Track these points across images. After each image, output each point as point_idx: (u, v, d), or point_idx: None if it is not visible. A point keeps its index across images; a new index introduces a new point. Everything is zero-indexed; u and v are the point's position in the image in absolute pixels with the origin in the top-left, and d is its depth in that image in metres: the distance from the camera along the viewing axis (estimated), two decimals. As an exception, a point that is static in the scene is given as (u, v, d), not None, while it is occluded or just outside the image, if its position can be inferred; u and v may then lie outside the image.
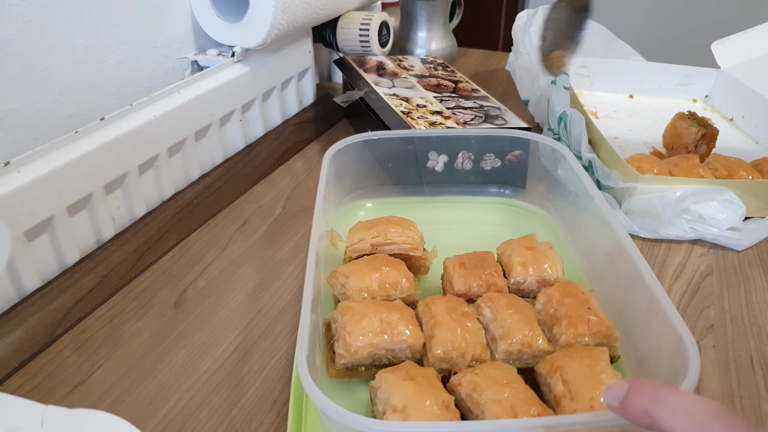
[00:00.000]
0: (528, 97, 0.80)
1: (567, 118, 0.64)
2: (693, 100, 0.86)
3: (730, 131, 0.78)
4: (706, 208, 0.56)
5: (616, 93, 0.87)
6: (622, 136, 0.76)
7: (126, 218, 0.57)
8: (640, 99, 0.87)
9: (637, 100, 0.87)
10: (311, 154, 0.74)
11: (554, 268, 0.46)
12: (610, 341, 0.40)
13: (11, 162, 0.46)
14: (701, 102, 0.86)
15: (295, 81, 0.79)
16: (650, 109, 0.84)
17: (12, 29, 0.51)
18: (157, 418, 0.40)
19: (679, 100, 0.85)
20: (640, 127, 0.75)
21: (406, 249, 0.48)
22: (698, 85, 0.81)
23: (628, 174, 0.58)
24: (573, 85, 0.86)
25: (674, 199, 0.56)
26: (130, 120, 0.55)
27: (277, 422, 0.40)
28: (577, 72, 0.87)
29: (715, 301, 0.50)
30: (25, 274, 0.48)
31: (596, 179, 0.60)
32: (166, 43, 0.67)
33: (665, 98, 0.75)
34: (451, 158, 0.60)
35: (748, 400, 0.41)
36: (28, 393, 0.41)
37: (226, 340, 0.46)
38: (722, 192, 0.56)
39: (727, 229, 0.56)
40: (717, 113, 0.83)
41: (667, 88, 0.74)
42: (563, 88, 0.68)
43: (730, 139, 0.76)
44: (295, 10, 0.68)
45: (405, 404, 0.34)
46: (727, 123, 0.80)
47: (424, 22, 0.96)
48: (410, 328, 0.39)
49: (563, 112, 0.65)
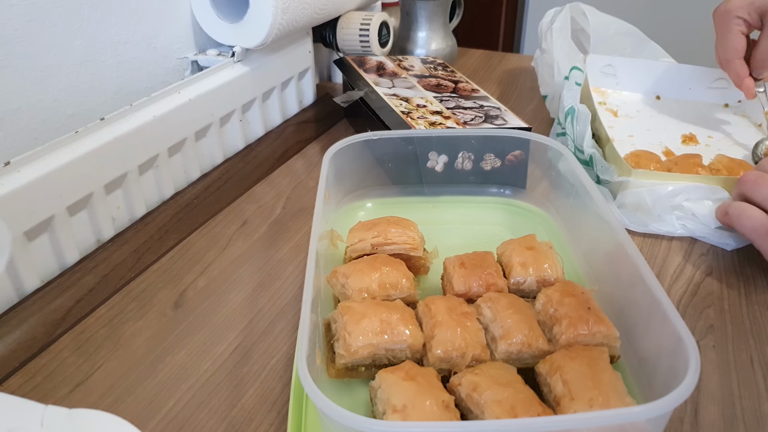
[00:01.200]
0: (547, 92, 0.80)
1: (574, 113, 0.65)
2: (725, 104, 0.84)
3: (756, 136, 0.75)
4: (698, 205, 0.56)
5: (642, 93, 0.85)
6: (638, 135, 0.75)
7: (126, 218, 0.57)
8: (668, 101, 0.84)
9: (663, 101, 0.85)
10: (311, 154, 0.74)
11: (554, 268, 0.46)
12: (610, 341, 0.40)
13: (11, 162, 0.46)
14: (732, 107, 0.83)
15: (295, 81, 0.79)
16: (675, 111, 0.81)
17: (12, 29, 0.51)
18: (157, 418, 0.40)
19: (710, 103, 0.83)
20: (659, 127, 0.74)
21: (406, 249, 0.48)
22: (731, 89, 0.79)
23: (623, 168, 0.58)
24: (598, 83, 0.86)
25: (665, 194, 0.56)
26: (130, 120, 0.55)
27: (277, 422, 0.40)
28: (602, 71, 0.86)
29: (715, 301, 0.50)
30: (25, 274, 0.48)
31: (596, 173, 0.61)
32: (166, 43, 0.67)
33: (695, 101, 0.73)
34: (451, 158, 0.60)
35: (748, 400, 0.41)
36: (28, 393, 0.41)
37: (226, 340, 0.46)
38: (716, 191, 0.56)
39: (716, 228, 0.56)
40: (747, 118, 0.81)
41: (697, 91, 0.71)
42: (576, 84, 0.68)
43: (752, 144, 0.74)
44: (295, 10, 0.68)
45: (405, 404, 0.34)
46: (755, 129, 0.78)
47: (424, 22, 0.96)
48: (410, 328, 0.40)
49: (571, 107, 0.65)
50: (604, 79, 0.86)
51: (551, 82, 0.78)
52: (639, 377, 0.40)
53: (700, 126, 0.78)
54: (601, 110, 0.81)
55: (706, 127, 0.78)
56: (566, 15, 0.82)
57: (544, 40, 0.81)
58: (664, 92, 0.85)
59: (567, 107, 0.66)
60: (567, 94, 0.68)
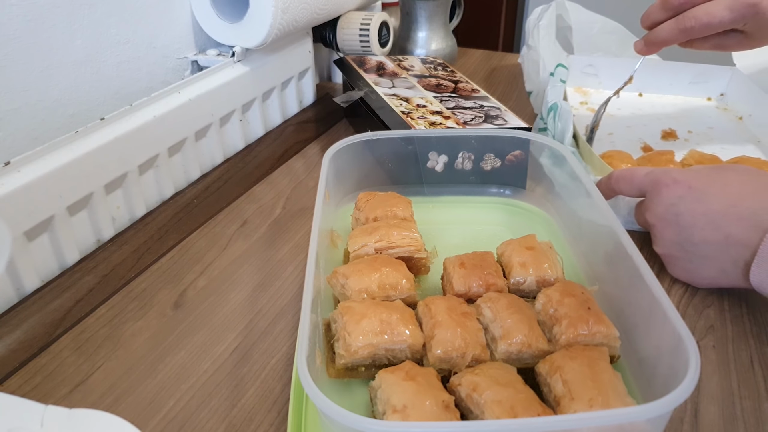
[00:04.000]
0: (532, 88, 0.80)
1: (557, 109, 0.65)
2: (707, 98, 0.85)
3: (736, 130, 0.78)
4: None
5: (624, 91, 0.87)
6: (618, 132, 0.76)
7: (126, 218, 0.57)
8: (650, 97, 0.86)
9: (646, 98, 0.86)
10: (311, 154, 0.74)
11: (554, 268, 0.46)
12: (610, 341, 0.40)
13: (11, 162, 0.46)
14: (715, 100, 0.85)
15: (295, 81, 0.79)
16: (657, 107, 0.83)
17: (12, 29, 0.51)
18: (157, 418, 0.40)
19: (692, 98, 0.85)
20: (639, 123, 0.75)
21: (410, 251, 0.48)
22: (712, 83, 0.80)
23: (596, 167, 0.59)
24: (580, 83, 0.87)
25: None
26: (130, 120, 0.55)
27: (277, 422, 0.40)
28: (584, 71, 0.87)
29: (715, 301, 0.50)
30: (25, 274, 0.48)
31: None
32: (166, 43, 0.67)
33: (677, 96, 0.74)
34: (451, 158, 0.60)
35: (748, 400, 0.41)
36: (28, 393, 0.41)
37: (226, 340, 0.46)
38: None
39: None
40: (729, 111, 0.82)
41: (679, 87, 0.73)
42: (560, 81, 0.68)
43: (733, 137, 0.76)
44: (295, 10, 0.68)
45: (405, 404, 0.34)
46: (735, 122, 0.80)
47: (424, 22, 0.96)
48: (410, 328, 0.39)
49: (554, 103, 0.66)
50: (586, 79, 0.87)
51: (536, 79, 0.78)
52: (639, 377, 0.40)
53: (680, 121, 0.78)
54: (582, 110, 0.82)
55: (687, 121, 0.79)
56: (552, 12, 0.83)
57: (530, 36, 0.81)
58: (646, 89, 0.87)
59: (550, 103, 0.67)
60: (551, 91, 0.68)
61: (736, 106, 0.82)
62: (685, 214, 0.48)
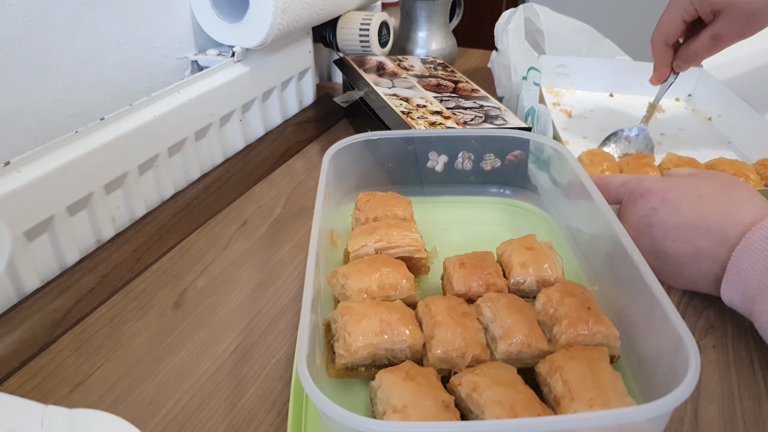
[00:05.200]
0: (503, 93, 0.81)
1: (534, 113, 0.65)
2: (676, 99, 0.86)
3: (707, 131, 0.78)
4: None
5: (596, 92, 0.87)
6: (591, 136, 0.76)
7: (126, 218, 0.57)
8: (621, 98, 0.87)
9: (617, 98, 0.87)
10: (311, 154, 0.74)
11: (554, 268, 0.46)
12: (610, 341, 0.40)
13: (11, 162, 0.46)
14: (683, 101, 0.86)
15: (295, 81, 0.79)
16: (628, 108, 0.83)
17: (12, 29, 0.51)
18: (157, 418, 0.40)
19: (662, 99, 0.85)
20: (613, 126, 0.75)
21: (410, 252, 0.48)
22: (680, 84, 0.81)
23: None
24: (552, 83, 0.87)
25: None
26: (130, 120, 0.55)
27: (277, 422, 0.40)
28: (556, 71, 0.87)
29: (715, 301, 0.50)
30: (25, 274, 0.48)
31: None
32: (166, 43, 0.67)
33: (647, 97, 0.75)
34: (451, 158, 0.60)
35: (748, 400, 0.41)
36: (28, 393, 0.41)
37: (226, 340, 0.46)
38: None
39: None
40: (698, 112, 0.83)
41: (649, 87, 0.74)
42: (534, 84, 0.68)
43: (705, 138, 0.76)
44: (295, 10, 0.68)
45: (405, 404, 0.34)
46: (705, 123, 0.80)
47: (424, 22, 0.96)
48: (410, 328, 0.39)
49: (531, 107, 0.66)
50: (558, 79, 0.87)
51: (508, 84, 0.78)
52: (639, 377, 0.40)
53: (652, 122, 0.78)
54: (555, 111, 0.82)
55: (658, 123, 0.79)
56: (521, 16, 0.83)
57: (500, 41, 0.81)
58: (617, 89, 0.88)
59: (527, 107, 0.67)
60: (526, 95, 0.68)
61: (704, 106, 0.83)
62: (657, 227, 0.48)
